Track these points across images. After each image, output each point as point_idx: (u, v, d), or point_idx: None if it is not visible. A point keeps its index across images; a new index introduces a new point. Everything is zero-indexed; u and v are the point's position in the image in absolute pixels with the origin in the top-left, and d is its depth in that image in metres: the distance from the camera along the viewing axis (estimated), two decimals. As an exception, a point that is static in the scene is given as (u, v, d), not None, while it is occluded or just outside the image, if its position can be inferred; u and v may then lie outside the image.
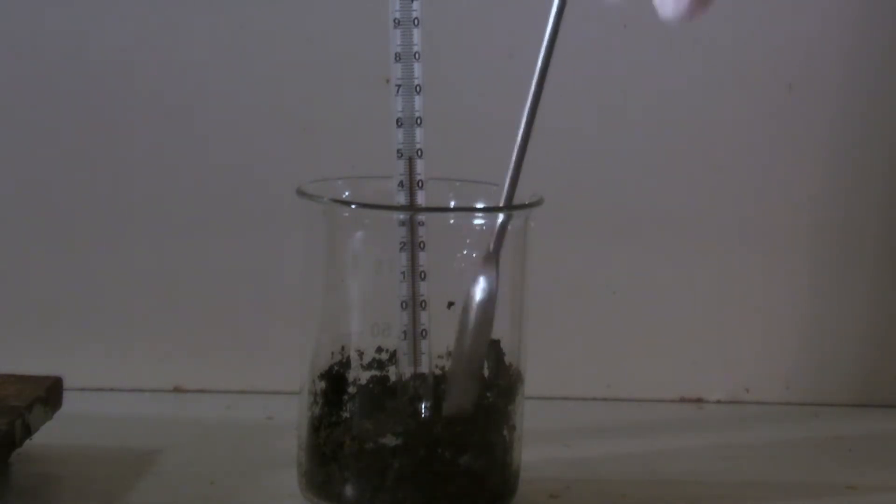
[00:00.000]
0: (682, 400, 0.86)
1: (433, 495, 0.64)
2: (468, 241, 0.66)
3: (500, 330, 0.66)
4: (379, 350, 0.65)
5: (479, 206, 0.68)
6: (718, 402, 0.86)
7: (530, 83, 0.65)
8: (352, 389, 0.65)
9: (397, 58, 0.65)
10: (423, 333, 0.65)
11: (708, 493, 0.71)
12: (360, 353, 0.65)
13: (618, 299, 0.85)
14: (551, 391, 0.84)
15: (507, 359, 0.66)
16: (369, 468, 0.64)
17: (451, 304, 0.65)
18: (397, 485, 0.64)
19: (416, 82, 0.65)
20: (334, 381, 0.66)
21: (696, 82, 0.84)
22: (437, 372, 0.65)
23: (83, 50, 0.82)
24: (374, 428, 0.64)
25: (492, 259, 0.64)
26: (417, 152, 0.65)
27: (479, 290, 0.64)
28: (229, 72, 0.82)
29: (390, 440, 0.64)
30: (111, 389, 0.84)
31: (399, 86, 0.65)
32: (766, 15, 0.83)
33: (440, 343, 0.65)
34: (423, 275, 0.65)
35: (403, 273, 0.65)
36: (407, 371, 0.65)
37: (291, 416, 0.68)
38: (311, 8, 0.82)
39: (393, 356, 0.65)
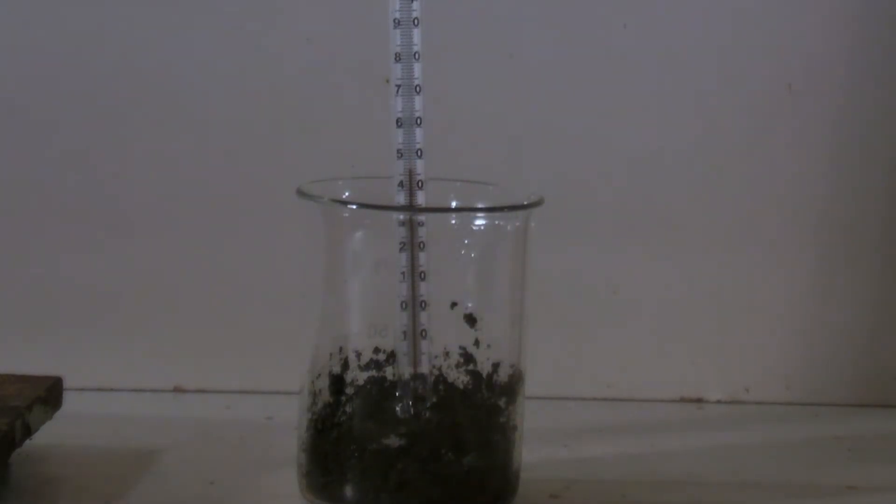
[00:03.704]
0: (682, 400, 0.86)
1: (435, 496, 0.64)
2: (467, 241, 0.66)
3: (500, 330, 0.66)
4: (376, 350, 0.65)
5: (479, 206, 0.68)
6: (718, 402, 0.86)
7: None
8: (349, 390, 0.65)
9: (397, 58, 0.65)
10: (423, 334, 0.65)
11: (708, 493, 0.71)
12: (358, 354, 0.65)
13: (619, 299, 0.85)
14: (551, 391, 0.84)
15: (507, 359, 0.66)
16: (372, 469, 0.64)
17: (454, 305, 0.65)
18: (399, 486, 0.64)
19: (416, 82, 0.65)
20: (333, 381, 0.66)
21: (695, 82, 0.84)
22: (436, 372, 0.65)
23: (83, 50, 0.82)
24: (377, 429, 0.64)
25: None
26: (417, 152, 0.65)
27: None
28: (229, 72, 0.82)
29: (393, 441, 0.64)
30: (111, 389, 0.84)
31: (399, 86, 0.65)
32: (766, 15, 0.83)
33: (440, 343, 0.65)
34: (422, 275, 0.65)
35: (403, 273, 0.65)
36: (406, 371, 0.65)
37: (291, 416, 0.68)
38: (311, 8, 0.82)
39: (390, 357, 0.65)
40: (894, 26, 0.84)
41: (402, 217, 0.65)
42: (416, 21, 0.65)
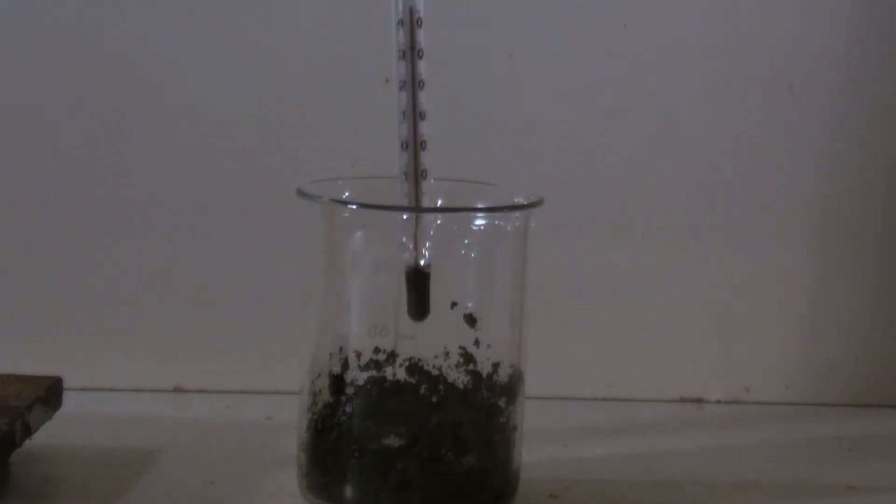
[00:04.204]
0: (682, 400, 0.86)
1: (435, 496, 0.64)
2: (467, 241, 0.66)
3: (500, 330, 0.66)
4: (376, 350, 0.65)
5: (479, 206, 0.68)
6: (718, 402, 0.86)
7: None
8: (349, 390, 0.65)
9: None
10: (424, 174, 0.65)
11: (708, 493, 0.71)
12: (358, 354, 0.65)
13: (618, 299, 0.85)
14: (551, 391, 0.84)
15: (507, 359, 0.66)
16: (372, 469, 0.64)
17: (454, 305, 0.65)
18: (400, 486, 0.64)
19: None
20: (333, 381, 0.66)
21: (696, 82, 0.84)
22: (436, 372, 0.65)
23: (83, 50, 0.82)
24: (377, 429, 0.64)
25: None
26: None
27: None
28: (230, 72, 0.82)
29: (393, 441, 0.64)
30: (111, 389, 0.84)
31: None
32: (766, 15, 0.83)
33: (440, 343, 0.65)
34: (422, 115, 0.65)
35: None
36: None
37: (291, 416, 0.68)
38: (311, 8, 0.82)
39: (390, 357, 0.65)
40: (894, 26, 0.84)
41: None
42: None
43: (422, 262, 0.65)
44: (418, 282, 0.65)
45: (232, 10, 0.82)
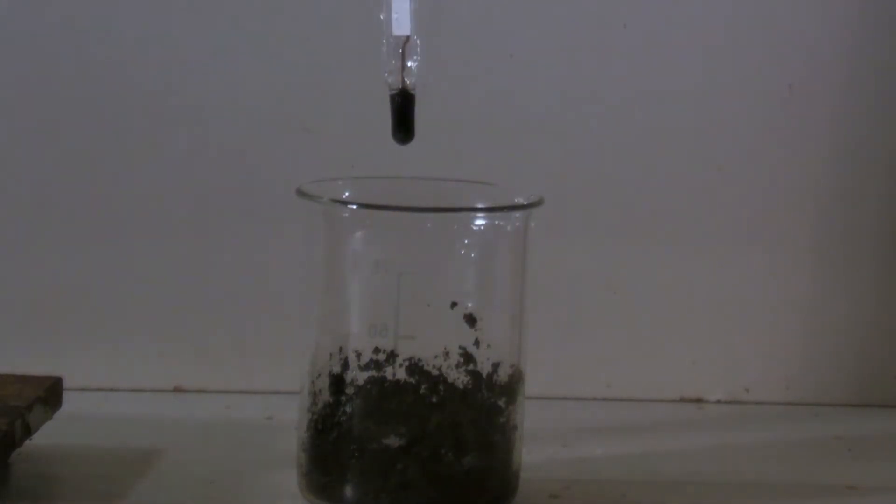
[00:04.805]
0: (682, 400, 0.86)
1: (435, 496, 0.64)
2: (468, 241, 0.66)
3: (500, 330, 0.66)
4: (376, 350, 0.65)
5: (479, 206, 0.68)
6: (718, 402, 0.86)
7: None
8: (349, 390, 0.65)
9: None
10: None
11: (708, 493, 0.71)
12: (358, 354, 0.65)
13: (618, 299, 0.85)
14: (551, 391, 0.84)
15: (507, 359, 0.66)
16: (372, 469, 0.64)
17: (454, 305, 0.65)
18: (399, 486, 0.64)
19: None
20: (333, 381, 0.66)
21: (696, 82, 0.84)
22: (436, 372, 0.65)
23: (83, 50, 0.82)
24: (377, 429, 0.64)
25: None
26: None
27: None
28: (230, 72, 0.82)
29: (393, 441, 0.64)
30: (111, 389, 0.84)
31: None
32: (766, 15, 0.83)
33: (440, 343, 0.65)
34: None
35: None
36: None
37: (291, 416, 0.68)
38: (310, 8, 0.82)
39: (390, 357, 0.65)
40: (894, 26, 0.84)
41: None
42: None
43: (408, 83, 0.65)
44: (404, 103, 0.65)
45: (232, 10, 0.82)
